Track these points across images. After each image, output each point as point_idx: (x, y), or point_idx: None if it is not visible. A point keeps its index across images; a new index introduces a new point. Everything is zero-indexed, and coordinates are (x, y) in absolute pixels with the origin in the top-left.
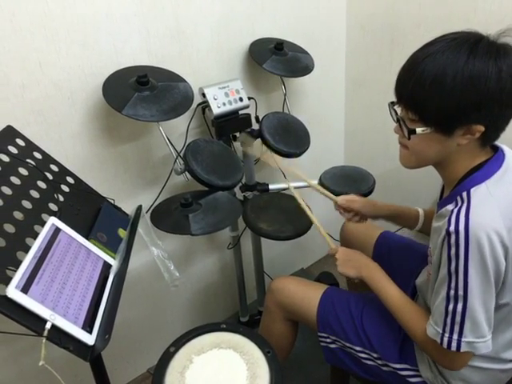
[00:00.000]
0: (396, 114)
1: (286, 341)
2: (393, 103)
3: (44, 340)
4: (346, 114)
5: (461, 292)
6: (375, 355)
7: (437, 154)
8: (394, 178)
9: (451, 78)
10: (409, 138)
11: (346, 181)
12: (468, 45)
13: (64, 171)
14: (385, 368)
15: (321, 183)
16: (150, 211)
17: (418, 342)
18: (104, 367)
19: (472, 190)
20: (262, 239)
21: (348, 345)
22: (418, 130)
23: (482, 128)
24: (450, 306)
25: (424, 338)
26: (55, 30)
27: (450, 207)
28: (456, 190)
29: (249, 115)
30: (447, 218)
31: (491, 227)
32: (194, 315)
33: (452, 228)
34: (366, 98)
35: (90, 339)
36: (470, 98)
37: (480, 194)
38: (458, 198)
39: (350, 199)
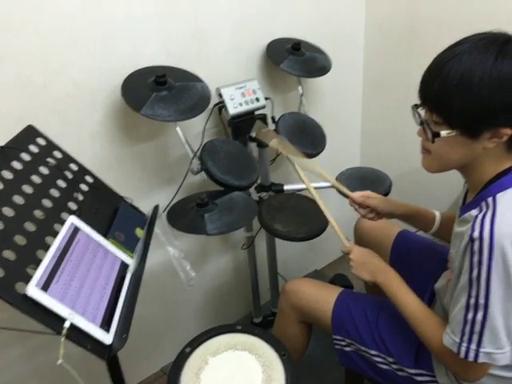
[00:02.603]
0: (419, 116)
1: (299, 343)
2: (416, 106)
3: (63, 339)
4: (363, 115)
5: (482, 301)
6: (391, 359)
7: (461, 158)
8: (411, 180)
9: (479, 78)
10: (433, 141)
11: (362, 182)
12: (496, 45)
13: (83, 170)
14: (400, 373)
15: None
16: (167, 211)
17: (434, 352)
18: (120, 366)
19: (498, 196)
20: (276, 240)
21: (363, 348)
22: (443, 132)
23: (509, 131)
24: (470, 315)
25: (440, 348)
26: (76, 31)
27: (474, 212)
28: (481, 195)
29: (265, 115)
30: (471, 224)
31: None
32: (207, 315)
33: (476, 234)
34: (383, 100)
35: (107, 338)
36: (498, 99)
37: (506, 200)
38: (483, 204)
39: (366, 195)
